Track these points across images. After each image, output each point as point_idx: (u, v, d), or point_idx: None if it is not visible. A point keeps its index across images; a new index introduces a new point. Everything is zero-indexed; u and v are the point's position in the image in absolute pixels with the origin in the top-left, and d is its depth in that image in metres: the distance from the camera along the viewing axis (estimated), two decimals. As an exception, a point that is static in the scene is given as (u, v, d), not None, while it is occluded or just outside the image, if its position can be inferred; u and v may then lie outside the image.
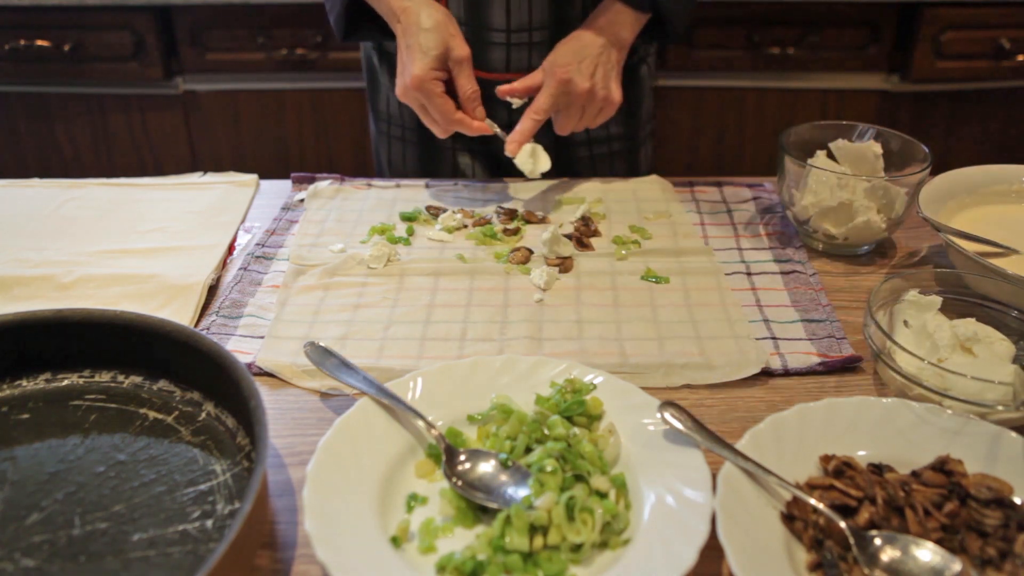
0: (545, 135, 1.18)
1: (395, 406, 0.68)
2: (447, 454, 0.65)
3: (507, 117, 1.17)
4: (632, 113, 1.22)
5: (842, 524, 0.58)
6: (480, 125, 1.03)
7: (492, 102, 1.10)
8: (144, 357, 0.74)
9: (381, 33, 1.10)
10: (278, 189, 1.13)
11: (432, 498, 0.64)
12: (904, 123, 1.97)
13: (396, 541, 0.60)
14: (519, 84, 1.05)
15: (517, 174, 1.06)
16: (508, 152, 1.03)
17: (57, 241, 0.99)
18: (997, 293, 0.79)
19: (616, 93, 1.05)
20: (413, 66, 0.99)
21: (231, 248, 0.99)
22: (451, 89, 1.03)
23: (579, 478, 0.63)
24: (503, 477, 0.64)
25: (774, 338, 0.83)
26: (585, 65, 1.02)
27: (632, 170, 1.27)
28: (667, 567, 0.55)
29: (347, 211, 1.07)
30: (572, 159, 1.22)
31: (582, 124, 1.07)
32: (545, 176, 1.08)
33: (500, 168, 1.22)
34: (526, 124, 1.03)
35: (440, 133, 1.05)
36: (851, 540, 0.57)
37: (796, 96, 1.98)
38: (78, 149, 2.05)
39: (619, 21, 1.06)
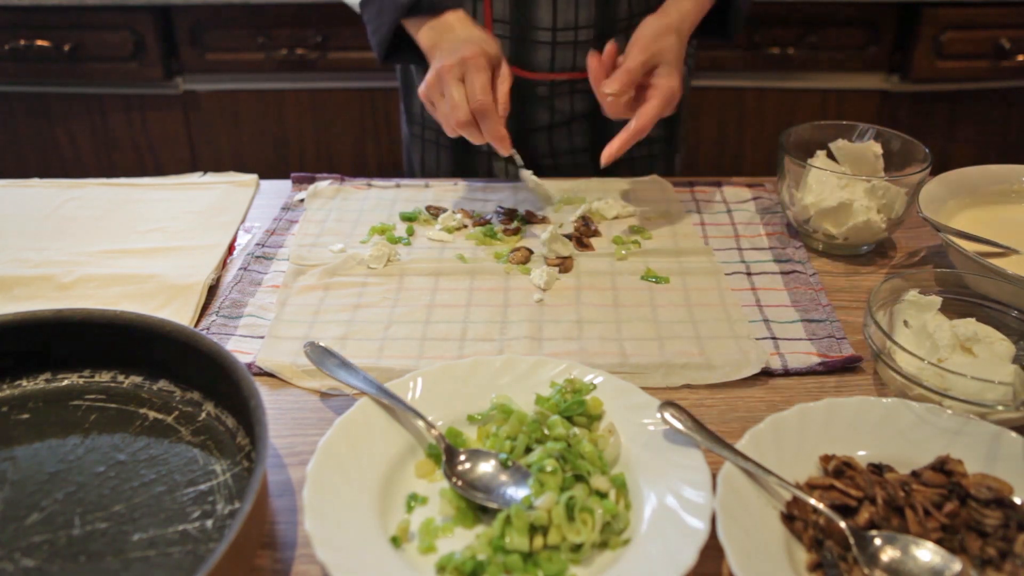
0: (585, 134, 1.17)
1: (395, 406, 0.68)
2: (447, 454, 0.65)
3: (549, 118, 1.15)
4: (673, 114, 1.20)
5: (842, 524, 0.58)
6: (503, 132, 0.93)
7: (533, 103, 1.09)
8: (144, 357, 0.74)
9: (418, 57, 1.04)
10: (278, 189, 1.13)
11: (432, 498, 0.64)
12: (904, 123, 1.97)
13: (396, 541, 0.60)
14: (620, 87, 0.92)
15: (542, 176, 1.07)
16: (604, 162, 0.94)
17: (57, 241, 0.99)
18: (997, 293, 0.79)
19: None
20: (465, 48, 0.92)
21: (231, 248, 0.99)
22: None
23: (579, 478, 0.63)
24: (503, 477, 0.64)
25: (774, 338, 0.83)
26: (678, 71, 0.95)
27: (668, 173, 1.25)
28: (667, 567, 0.55)
29: (347, 211, 1.07)
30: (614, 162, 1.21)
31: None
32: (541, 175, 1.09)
33: (537, 171, 1.17)
34: (628, 137, 0.93)
35: (457, 121, 0.92)
36: (851, 540, 0.57)
37: (796, 96, 1.98)
38: (78, 149, 2.05)
39: (689, 12, 0.99)
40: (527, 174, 1.06)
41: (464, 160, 1.23)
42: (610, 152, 0.93)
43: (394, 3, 0.99)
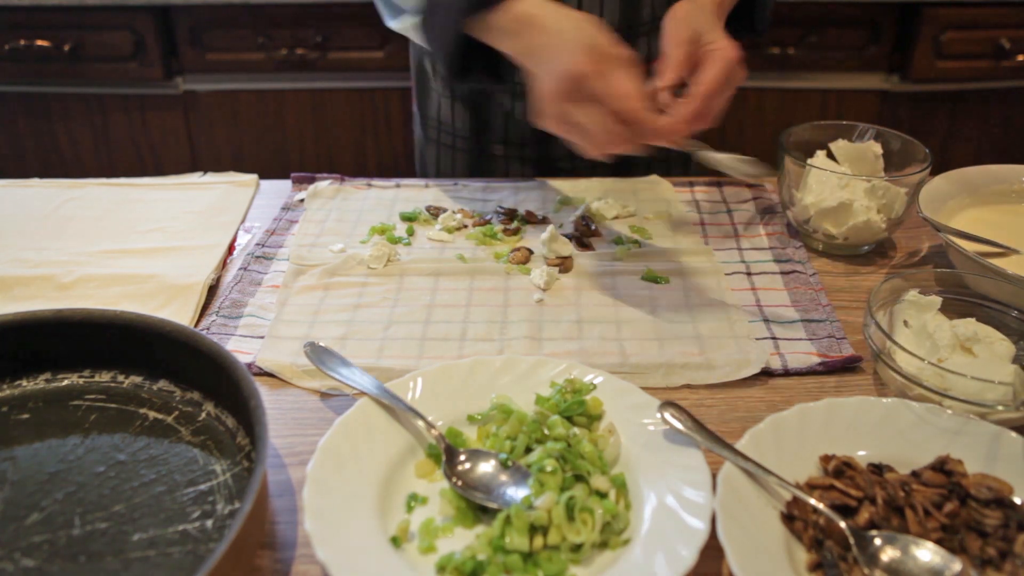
0: None
1: (395, 406, 0.68)
2: (447, 454, 0.65)
3: None
4: None
5: (842, 524, 0.58)
6: (667, 123, 0.77)
7: None
8: (144, 357, 0.74)
9: (492, 76, 0.93)
10: (278, 189, 1.13)
11: (432, 498, 0.64)
12: (904, 123, 1.97)
13: (396, 541, 0.60)
14: (671, 74, 0.82)
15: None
16: (676, 144, 0.83)
17: (57, 241, 0.99)
18: (997, 293, 0.79)
19: None
20: (560, 62, 0.76)
21: (231, 248, 0.99)
22: None
23: (579, 478, 0.63)
24: (503, 477, 0.64)
25: (774, 338, 0.83)
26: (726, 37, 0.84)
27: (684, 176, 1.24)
28: (667, 567, 0.55)
29: (347, 211, 1.06)
30: (630, 163, 1.20)
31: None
32: (545, 175, 1.08)
33: (555, 174, 1.16)
34: (695, 106, 0.80)
35: (600, 147, 0.78)
36: (851, 540, 0.57)
37: (796, 96, 1.98)
38: (78, 149, 2.05)
39: None
40: (718, 156, 0.89)
41: (480, 164, 1.22)
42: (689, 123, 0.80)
43: (455, 5, 0.86)
